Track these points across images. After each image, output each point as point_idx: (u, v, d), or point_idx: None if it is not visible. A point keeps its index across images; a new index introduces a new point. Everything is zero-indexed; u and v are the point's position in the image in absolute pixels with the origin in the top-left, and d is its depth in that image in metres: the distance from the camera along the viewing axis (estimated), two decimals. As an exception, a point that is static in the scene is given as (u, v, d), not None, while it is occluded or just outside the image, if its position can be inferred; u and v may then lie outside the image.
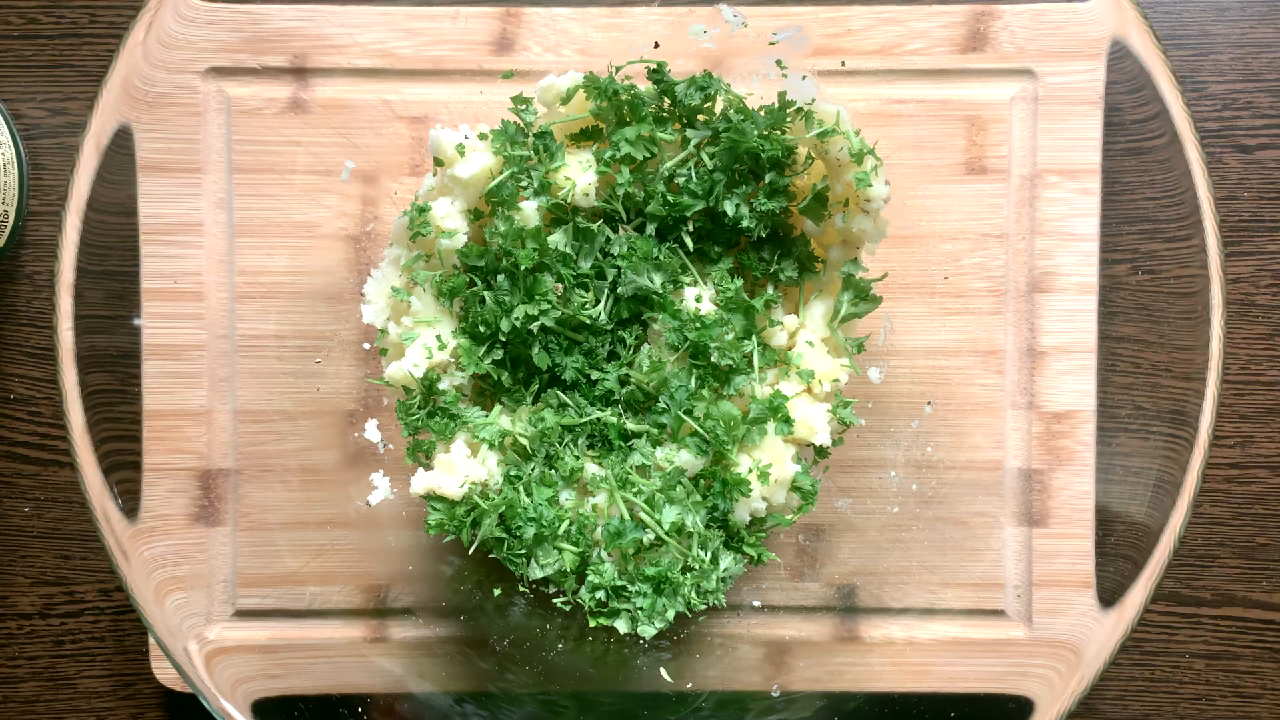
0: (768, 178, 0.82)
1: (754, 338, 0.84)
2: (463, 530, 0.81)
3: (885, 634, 0.91)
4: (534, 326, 0.81)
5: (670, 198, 0.82)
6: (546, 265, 0.82)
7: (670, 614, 0.81)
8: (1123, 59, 0.86)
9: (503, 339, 0.81)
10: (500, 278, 0.81)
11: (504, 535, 0.81)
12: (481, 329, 0.81)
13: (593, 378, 0.84)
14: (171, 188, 0.88)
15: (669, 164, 0.82)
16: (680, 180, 0.83)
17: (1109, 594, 0.87)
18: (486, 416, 0.83)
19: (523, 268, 0.80)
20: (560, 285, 0.82)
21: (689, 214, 0.83)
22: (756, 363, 0.83)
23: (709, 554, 0.82)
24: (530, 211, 0.81)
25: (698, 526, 0.81)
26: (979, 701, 0.89)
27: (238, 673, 0.87)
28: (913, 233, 0.90)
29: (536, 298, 0.81)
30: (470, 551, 0.83)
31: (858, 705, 0.89)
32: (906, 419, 0.91)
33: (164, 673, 0.93)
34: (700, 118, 0.83)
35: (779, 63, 0.84)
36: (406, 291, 0.82)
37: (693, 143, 0.83)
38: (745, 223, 0.82)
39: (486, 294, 0.81)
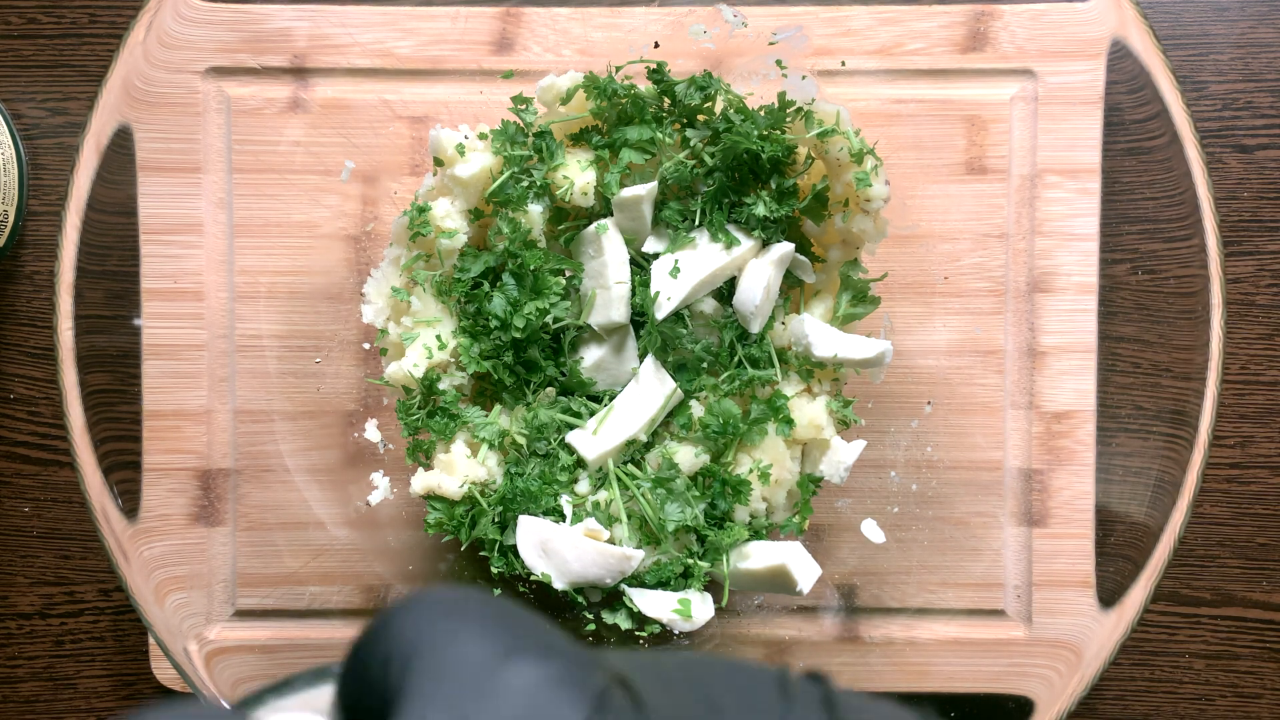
0: (774, 182, 0.82)
1: (754, 338, 0.84)
2: (461, 530, 0.81)
3: (885, 634, 0.91)
4: (549, 319, 0.81)
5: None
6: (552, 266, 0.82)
7: (670, 614, 0.81)
8: (1123, 59, 0.86)
9: (517, 335, 0.81)
10: (507, 277, 0.81)
11: (497, 537, 0.81)
12: (494, 324, 0.81)
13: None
14: (171, 188, 0.88)
15: (669, 164, 0.82)
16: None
17: (1109, 594, 0.87)
18: (486, 416, 0.83)
19: (530, 268, 0.80)
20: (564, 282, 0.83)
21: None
22: (756, 363, 0.83)
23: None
24: (535, 215, 0.81)
25: (699, 522, 0.81)
26: (979, 701, 0.89)
27: (238, 673, 0.87)
28: (913, 233, 0.90)
29: (545, 292, 0.81)
30: (463, 549, 0.83)
31: None
32: (906, 419, 0.91)
33: (164, 673, 0.93)
34: (700, 118, 0.83)
35: (779, 63, 0.84)
36: (406, 291, 0.82)
37: (693, 143, 0.83)
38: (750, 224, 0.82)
39: (496, 294, 0.81)
